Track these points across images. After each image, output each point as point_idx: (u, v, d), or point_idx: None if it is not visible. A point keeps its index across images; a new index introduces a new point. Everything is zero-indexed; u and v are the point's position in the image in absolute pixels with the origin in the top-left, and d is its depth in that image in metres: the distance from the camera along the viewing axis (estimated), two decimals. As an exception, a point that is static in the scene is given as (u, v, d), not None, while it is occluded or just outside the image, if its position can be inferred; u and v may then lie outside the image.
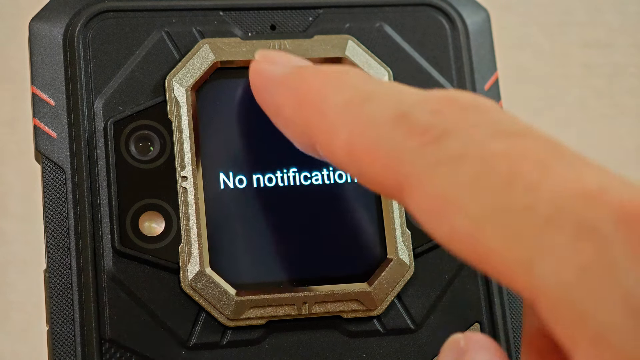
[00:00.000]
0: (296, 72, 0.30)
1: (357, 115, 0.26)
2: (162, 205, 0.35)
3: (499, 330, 0.36)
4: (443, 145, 0.24)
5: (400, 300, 0.36)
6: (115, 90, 0.36)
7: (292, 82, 0.30)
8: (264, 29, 0.37)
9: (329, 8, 0.38)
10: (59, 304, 0.34)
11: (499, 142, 0.23)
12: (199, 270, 0.34)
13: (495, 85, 0.39)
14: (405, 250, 0.36)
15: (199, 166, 0.35)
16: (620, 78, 0.70)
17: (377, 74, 0.37)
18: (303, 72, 0.29)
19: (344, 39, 0.37)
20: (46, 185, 0.35)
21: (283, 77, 0.30)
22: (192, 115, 0.35)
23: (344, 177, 0.36)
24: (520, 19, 0.70)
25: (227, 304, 0.34)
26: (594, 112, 0.69)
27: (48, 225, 0.34)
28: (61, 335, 0.33)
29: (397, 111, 0.25)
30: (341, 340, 0.35)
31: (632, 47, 0.70)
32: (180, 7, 0.37)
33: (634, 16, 0.71)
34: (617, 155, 0.69)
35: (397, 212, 0.36)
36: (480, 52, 0.39)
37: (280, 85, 0.30)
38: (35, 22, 0.36)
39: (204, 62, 0.36)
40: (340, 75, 0.28)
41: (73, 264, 0.34)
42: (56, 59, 0.36)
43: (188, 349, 0.34)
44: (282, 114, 0.30)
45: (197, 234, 0.34)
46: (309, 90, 0.28)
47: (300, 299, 0.34)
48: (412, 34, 0.38)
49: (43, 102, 0.35)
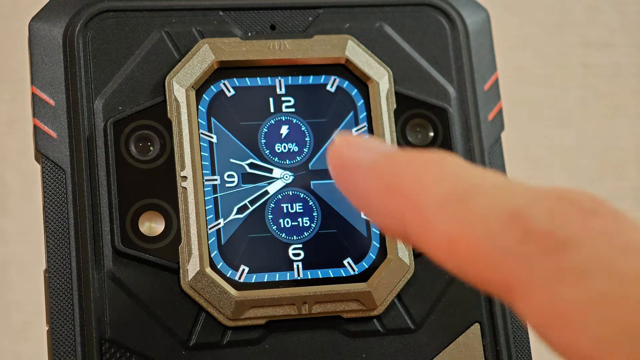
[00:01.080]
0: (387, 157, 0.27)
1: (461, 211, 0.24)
2: (162, 205, 0.35)
3: (499, 330, 0.36)
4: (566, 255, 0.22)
5: (400, 300, 0.36)
6: (115, 90, 0.36)
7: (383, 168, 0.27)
8: (264, 28, 0.37)
9: (329, 8, 0.38)
10: (59, 304, 0.34)
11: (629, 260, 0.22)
12: (199, 270, 0.34)
13: (495, 85, 0.39)
14: (405, 250, 0.36)
15: (199, 166, 0.35)
16: (620, 78, 0.70)
17: (377, 74, 0.37)
18: (394, 159, 0.27)
19: (344, 38, 0.37)
20: (46, 185, 0.35)
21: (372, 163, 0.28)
22: (192, 115, 0.35)
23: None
24: (520, 19, 0.70)
25: (227, 303, 0.34)
26: (593, 112, 0.69)
27: (48, 225, 0.34)
28: (61, 335, 0.33)
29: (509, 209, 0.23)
30: (341, 340, 0.35)
31: (632, 47, 0.70)
32: (180, 7, 0.37)
33: (634, 16, 0.71)
34: (617, 155, 0.69)
35: (397, 212, 0.36)
36: (480, 52, 0.39)
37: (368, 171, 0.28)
38: (35, 22, 0.36)
39: (204, 62, 0.36)
40: (438, 163, 0.26)
41: (73, 264, 0.34)
42: (56, 59, 0.36)
43: (188, 349, 0.34)
44: (369, 202, 0.27)
45: (197, 234, 0.34)
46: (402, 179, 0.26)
47: (300, 299, 0.34)
48: (412, 34, 0.38)
49: (43, 102, 0.35)
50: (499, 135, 0.38)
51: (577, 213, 0.23)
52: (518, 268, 0.23)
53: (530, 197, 0.24)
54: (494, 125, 0.38)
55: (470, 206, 0.24)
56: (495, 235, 0.23)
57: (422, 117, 0.37)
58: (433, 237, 0.25)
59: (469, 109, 0.38)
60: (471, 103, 0.38)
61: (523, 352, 0.36)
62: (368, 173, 0.27)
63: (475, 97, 0.38)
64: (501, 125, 0.38)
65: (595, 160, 0.69)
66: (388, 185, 0.27)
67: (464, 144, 0.38)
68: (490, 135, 0.38)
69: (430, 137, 0.37)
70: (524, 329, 0.37)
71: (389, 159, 0.27)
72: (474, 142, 0.38)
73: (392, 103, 0.37)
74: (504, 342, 0.36)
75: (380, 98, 0.37)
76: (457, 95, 0.38)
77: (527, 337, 0.37)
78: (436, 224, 0.25)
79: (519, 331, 0.36)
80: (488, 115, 0.38)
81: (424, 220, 0.25)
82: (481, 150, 0.38)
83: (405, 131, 0.37)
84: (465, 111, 0.38)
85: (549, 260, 0.22)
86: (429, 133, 0.37)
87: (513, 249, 0.23)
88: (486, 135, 0.38)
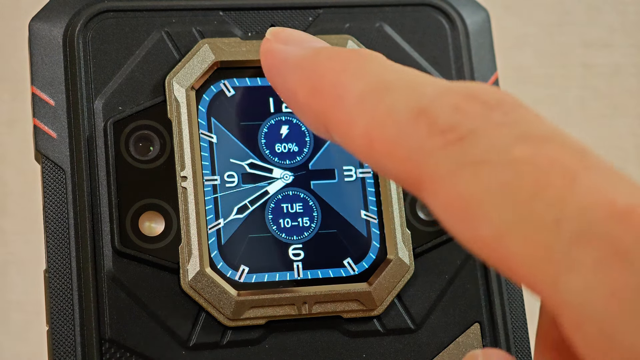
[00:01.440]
0: (311, 55, 0.28)
1: (376, 107, 0.25)
2: (162, 205, 0.35)
3: (499, 330, 0.36)
4: (466, 147, 0.23)
5: (400, 300, 0.36)
6: (115, 90, 0.36)
7: (307, 65, 0.28)
8: (264, 28, 0.37)
9: (329, 8, 0.38)
10: (59, 304, 0.34)
11: (524, 147, 0.22)
12: (199, 270, 0.34)
13: (496, 85, 0.39)
14: (405, 250, 0.36)
15: (199, 166, 0.35)
16: (620, 78, 0.70)
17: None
18: (318, 55, 0.28)
19: (344, 39, 0.37)
20: (46, 185, 0.35)
21: (297, 59, 0.29)
22: (192, 115, 0.35)
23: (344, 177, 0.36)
24: (520, 19, 0.70)
25: (227, 304, 0.34)
26: (593, 112, 0.69)
27: (48, 225, 0.34)
28: (61, 335, 0.33)
29: (417, 105, 0.24)
30: (341, 340, 0.35)
31: (632, 47, 0.70)
32: (180, 7, 0.37)
33: (634, 16, 0.71)
34: (617, 155, 0.69)
35: (397, 212, 0.36)
36: (480, 52, 0.39)
37: (294, 67, 0.29)
38: (35, 22, 0.36)
39: (204, 62, 0.36)
40: (358, 61, 0.27)
41: (73, 264, 0.34)
42: (56, 59, 0.36)
43: (188, 349, 0.34)
44: (295, 98, 0.28)
45: (197, 234, 0.34)
46: (324, 75, 0.27)
47: (300, 299, 0.34)
48: (412, 34, 0.38)
49: (43, 102, 0.35)
50: (499, 135, 0.38)
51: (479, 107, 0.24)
52: (424, 162, 0.24)
53: (438, 93, 0.25)
54: (494, 125, 0.38)
55: (385, 102, 0.25)
56: (404, 131, 0.24)
57: (422, 117, 0.37)
58: (352, 133, 0.26)
59: (469, 109, 0.38)
60: (471, 103, 0.38)
61: (523, 352, 0.36)
62: (294, 69, 0.28)
63: (475, 97, 0.38)
64: (501, 125, 0.38)
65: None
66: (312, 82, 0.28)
67: (464, 144, 0.38)
68: (490, 135, 0.38)
69: (430, 137, 0.37)
70: (523, 329, 0.37)
71: (314, 55, 0.28)
72: (474, 142, 0.38)
73: (392, 103, 0.37)
74: (504, 342, 0.36)
75: (380, 98, 0.37)
76: (457, 95, 0.38)
77: (527, 337, 0.37)
78: (355, 120, 0.26)
79: (519, 331, 0.36)
80: (488, 115, 0.38)
81: (343, 116, 0.26)
82: (481, 150, 0.38)
83: (405, 131, 0.37)
84: (465, 111, 0.38)
85: (451, 153, 0.23)
86: (429, 133, 0.37)
87: (420, 143, 0.24)
88: (486, 135, 0.38)
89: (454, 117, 0.24)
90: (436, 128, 0.24)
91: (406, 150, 0.24)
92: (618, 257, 0.20)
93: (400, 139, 0.24)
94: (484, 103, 0.24)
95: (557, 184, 0.22)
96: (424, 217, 0.37)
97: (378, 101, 0.25)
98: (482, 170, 0.23)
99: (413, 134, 0.24)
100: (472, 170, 0.23)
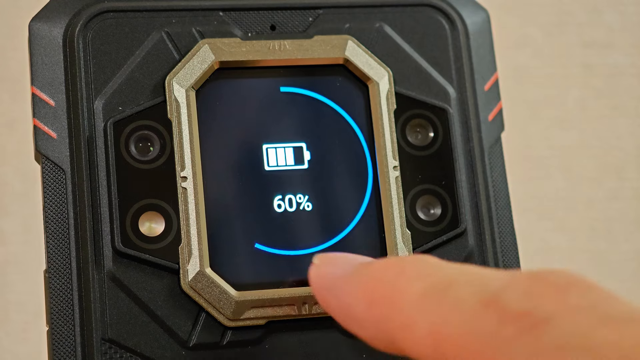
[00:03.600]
0: (364, 268, 0.28)
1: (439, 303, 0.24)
2: (162, 205, 0.35)
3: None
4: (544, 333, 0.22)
5: (400, 300, 0.36)
6: (115, 90, 0.36)
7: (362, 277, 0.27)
8: (264, 29, 0.37)
9: (329, 8, 0.38)
10: (59, 304, 0.34)
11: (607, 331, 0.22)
12: (199, 271, 0.34)
13: (495, 86, 0.39)
14: (405, 251, 0.36)
15: (199, 166, 0.35)
16: (620, 78, 0.70)
17: (377, 74, 0.37)
18: (372, 266, 0.28)
19: (344, 39, 0.37)
20: (46, 185, 0.35)
21: (349, 276, 0.28)
22: (192, 116, 0.35)
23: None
24: (520, 19, 0.70)
25: (227, 304, 0.34)
26: (593, 112, 0.69)
27: (48, 225, 0.34)
28: (61, 335, 0.33)
29: (485, 295, 0.24)
30: (341, 340, 0.35)
31: (632, 47, 0.70)
32: (180, 7, 0.37)
33: (634, 16, 0.71)
34: (617, 155, 0.69)
35: (397, 212, 0.36)
36: (480, 52, 0.39)
37: (346, 285, 0.28)
38: (35, 22, 0.36)
39: (204, 62, 0.36)
40: (414, 263, 0.26)
41: (73, 264, 0.34)
42: (56, 59, 0.36)
43: (188, 349, 0.34)
44: (353, 315, 0.27)
45: (197, 234, 0.34)
46: (380, 284, 0.26)
47: (300, 299, 0.34)
48: (412, 34, 0.38)
49: (43, 103, 0.35)
50: (499, 135, 0.38)
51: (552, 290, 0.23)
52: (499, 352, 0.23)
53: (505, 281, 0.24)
54: (494, 125, 0.38)
55: (447, 298, 0.24)
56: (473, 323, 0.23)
57: (422, 118, 0.37)
58: (417, 336, 0.25)
59: (469, 110, 0.38)
60: (471, 103, 0.38)
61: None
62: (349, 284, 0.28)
63: (475, 98, 0.38)
64: (501, 126, 0.39)
65: (595, 160, 0.69)
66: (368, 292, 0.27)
67: (464, 145, 0.38)
68: (490, 136, 0.38)
69: (430, 137, 0.37)
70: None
71: (367, 267, 0.28)
72: (474, 143, 0.38)
73: (392, 103, 0.37)
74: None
75: (380, 98, 0.37)
76: (457, 95, 0.38)
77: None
78: (417, 320, 0.25)
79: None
80: (488, 116, 0.38)
81: (405, 319, 0.25)
82: (481, 150, 0.38)
83: (405, 132, 0.37)
84: (466, 111, 0.38)
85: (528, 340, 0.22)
86: (429, 133, 0.37)
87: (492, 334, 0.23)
88: (486, 136, 0.38)
89: (527, 303, 0.23)
90: (509, 315, 0.23)
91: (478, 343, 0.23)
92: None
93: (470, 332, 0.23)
94: (556, 286, 0.23)
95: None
96: (424, 217, 0.37)
97: (441, 297, 0.25)
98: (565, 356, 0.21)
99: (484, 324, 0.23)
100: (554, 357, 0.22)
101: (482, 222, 0.37)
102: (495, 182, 0.38)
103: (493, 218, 0.37)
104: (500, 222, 0.37)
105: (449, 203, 0.37)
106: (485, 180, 0.37)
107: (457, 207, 0.37)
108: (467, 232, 0.37)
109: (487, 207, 0.37)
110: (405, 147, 0.37)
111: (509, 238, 0.37)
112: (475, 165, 0.37)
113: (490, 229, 0.37)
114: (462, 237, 0.37)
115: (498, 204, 0.37)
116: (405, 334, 0.25)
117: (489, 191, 0.37)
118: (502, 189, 0.38)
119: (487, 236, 0.37)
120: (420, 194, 0.37)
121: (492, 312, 0.23)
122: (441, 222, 0.37)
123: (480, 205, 0.37)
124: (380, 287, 0.26)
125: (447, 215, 0.37)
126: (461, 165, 0.37)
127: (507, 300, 0.23)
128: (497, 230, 0.37)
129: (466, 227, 0.37)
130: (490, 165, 0.38)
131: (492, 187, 0.37)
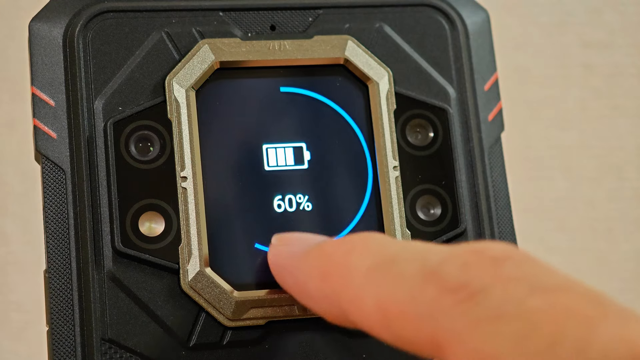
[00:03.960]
0: (316, 247, 0.29)
1: (384, 277, 0.26)
2: (162, 205, 0.35)
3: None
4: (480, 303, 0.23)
5: (400, 300, 0.36)
6: (115, 90, 0.36)
7: (313, 256, 0.29)
8: (264, 29, 0.37)
9: (329, 8, 0.38)
10: (59, 304, 0.34)
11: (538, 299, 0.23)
12: (199, 271, 0.34)
13: (495, 86, 0.39)
14: (405, 251, 0.36)
15: (198, 166, 0.35)
16: (620, 78, 0.70)
17: (377, 74, 0.37)
18: (323, 246, 0.29)
19: (344, 39, 0.37)
20: (46, 185, 0.35)
21: (303, 254, 0.30)
22: (192, 116, 0.35)
23: (343, 177, 0.36)
24: (520, 19, 0.70)
25: (227, 304, 0.34)
26: (593, 112, 0.69)
27: (48, 226, 0.34)
28: (61, 335, 0.33)
29: (425, 269, 0.25)
30: (341, 340, 0.35)
31: (632, 47, 0.70)
32: (180, 7, 0.37)
33: (634, 16, 0.71)
34: (617, 155, 0.69)
35: (397, 212, 0.36)
36: (480, 52, 0.39)
37: (301, 262, 0.30)
38: (35, 23, 0.36)
39: (204, 62, 0.36)
40: (363, 241, 0.28)
41: (73, 264, 0.34)
42: (56, 59, 0.36)
43: (188, 349, 0.34)
44: (307, 291, 0.29)
45: (197, 234, 0.34)
46: (331, 261, 0.28)
47: (300, 299, 0.34)
48: (412, 34, 0.38)
49: (43, 103, 0.35)
50: (499, 135, 0.38)
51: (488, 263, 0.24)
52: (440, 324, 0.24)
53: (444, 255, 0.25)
54: (494, 125, 0.38)
55: (392, 273, 0.26)
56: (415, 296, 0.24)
57: (422, 118, 0.37)
58: (365, 309, 0.26)
59: (469, 110, 0.38)
60: (471, 103, 0.38)
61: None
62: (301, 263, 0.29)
63: (475, 98, 0.38)
64: (501, 126, 0.39)
65: (595, 160, 0.69)
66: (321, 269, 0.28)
67: (464, 145, 0.38)
68: (490, 136, 0.38)
69: (430, 137, 0.37)
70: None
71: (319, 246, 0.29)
72: (474, 143, 0.38)
73: (392, 103, 0.37)
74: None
75: (380, 98, 0.37)
76: (457, 95, 0.38)
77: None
78: (365, 294, 0.26)
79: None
80: (488, 116, 0.38)
81: (354, 293, 0.27)
82: (481, 150, 0.38)
83: (405, 132, 0.37)
84: (465, 112, 0.38)
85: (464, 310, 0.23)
86: (429, 134, 0.37)
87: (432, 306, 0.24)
88: (486, 136, 0.38)
89: (463, 275, 0.24)
90: (446, 287, 0.24)
91: (419, 313, 0.24)
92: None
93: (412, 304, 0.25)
94: (492, 258, 0.24)
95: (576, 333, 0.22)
96: (424, 217, 0.37)
97: (387, 272, 0.26)
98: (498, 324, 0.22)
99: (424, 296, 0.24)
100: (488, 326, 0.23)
101: (482, 222, 0.37)
102: (495, 182, 0.38)
103: (493, 218, 0.37)
104: (500, 222, 0.37)
105: (449, 203, 0.37)
106: (485, 180, 0.37)
107: (457, 207, 0.37)
108: (467, 232, 0.37)
109: (487, 207, 0.37)
110: (405, 147, 0.37)
111: (509, 238, 0.37)
112: (475, 165, 0.37)
113: (490, 229, 0.37)
114: (462, 237, 0.37)
115: (498, 204, 0.37)
116: (354, 307, 0.27)
117: (489, 191, 0.37)
118: (502, 189, 0.38)
119: (487, 236, 0.37)
120: (420, 194, 0.37)
121: (432, 284, 0.24)
122: (441, 222, 0.37)
123: (480, 205, 0.37)
124: (331, 264, 0.28)
125: (447, 215, 0.37)
126: (461, 165, 0.37)
127: (445, 273, 0.24)
128: (497, 230, 0.37)
129: (466, 227, 0.37)
130: (490, 165, 0.38)
131: (492, 187, 0.37)
